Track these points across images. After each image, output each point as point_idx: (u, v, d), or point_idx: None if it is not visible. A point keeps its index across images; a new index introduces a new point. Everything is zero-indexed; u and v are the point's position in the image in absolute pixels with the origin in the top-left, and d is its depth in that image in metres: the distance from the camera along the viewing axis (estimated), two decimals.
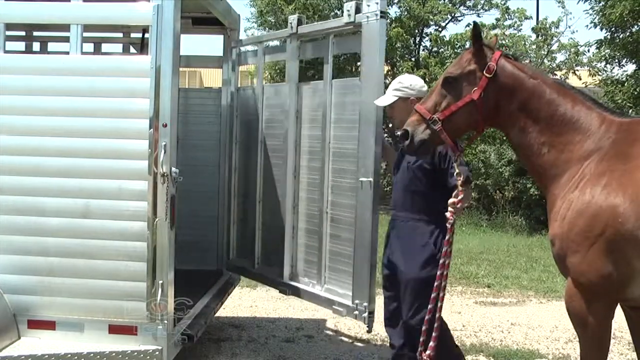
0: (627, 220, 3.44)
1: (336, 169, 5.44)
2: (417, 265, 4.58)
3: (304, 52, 6.14)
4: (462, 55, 4.10)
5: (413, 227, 4.66)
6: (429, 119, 3.97)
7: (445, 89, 4.02)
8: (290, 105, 5.87)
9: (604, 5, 14.78)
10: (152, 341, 4.57)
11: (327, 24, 5.98)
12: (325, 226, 5.52)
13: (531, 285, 9.67)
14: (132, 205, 4.53)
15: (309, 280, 5.71)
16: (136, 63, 4.80)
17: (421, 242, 4.60)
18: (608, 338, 3.74)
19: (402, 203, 4.76)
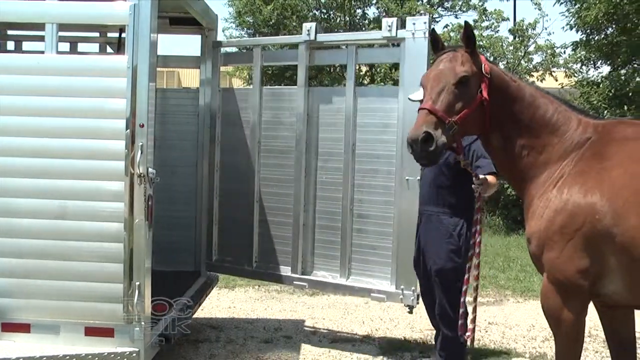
0: (604, 217, 3.52)
1: (364, 170, 6.04)
2: (442, 256, 4.93)
3: (318, 58, 6.66)
4: (457, 54, 3.91)
5: (439, 220, 5.02)
6: (447, 123, 3.72)
7: (459, 89, 3.79)
8: (302, 109, 6.25)
9: (580, 8, 14.91)
10: (129, 343, 4.54)
11: (354, 35, 6.83)
12: (350, 222, 6.10)
13: (508, 285, 9.73)
14: (109, 206, 4.50)
15: (328, 273, 6.23)
16: (113, 63, 4.77)
17: (446, 234, 4.96)
18: (582, 334, 3.82)
19: (429, 198, 5.10)
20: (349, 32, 20.24)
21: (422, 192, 5.25)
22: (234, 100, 6.79)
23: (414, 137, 3.66)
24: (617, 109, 14.41)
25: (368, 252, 6.08)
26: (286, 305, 8.23)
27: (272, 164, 6.54)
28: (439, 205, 5.03)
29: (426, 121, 3.69)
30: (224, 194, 6.83)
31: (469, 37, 3.91)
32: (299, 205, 6.33)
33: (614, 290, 3.60)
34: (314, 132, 6.32)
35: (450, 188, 4.98)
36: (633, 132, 3.80)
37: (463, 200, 4.85)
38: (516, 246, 13.18)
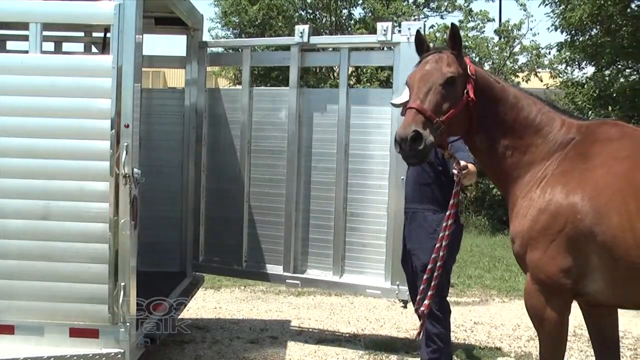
0: (586, 216, 3.55)
1: (358, 169, 6.22)
2: (427, 252, 4.88)
3: (311, 60, 6.83)
4: (443, 55, 3.91)
5: (423, 217, 5.10)
6: (435, 123, 3.72)
7: (446, 89, 3.79)
8: (295, 109, 6.35)
9: (564, 9, 14.99)
10: (114, 344, 4.52)
11: (348, 38, 6.75)
12: (343, 221, 6.26)
13: (494, 285, 9.77)
14: (94, 207, 4.48)
15: (321, 271, 6.38)
16: (97, 62, 4.73)
17: (430, 230, 5.02)
18: (565, 333, 3.84)
19: (413, 196, 5.19)
20: (335, 32, 20.29)
21: (406, 190, 5.33)
22: (221, 100, 6.80)
23: (403, 136, 3.66)
24: (601, 110, 14.50)
25: (361, 250, 6.25)
26: (272, 306, 8.23)
27: (263, 164, 6.60)
28: (422, 202, 5.11)
29: (415, 120, 3.69)
30: (211, 194, 6.83)
31: (455, 39, 3.93)
32: (292, 205, 6.41)
33: (597, 289, 3.63)
34: (307, 133, 6.44)
35: (432, 185, 5.07)
36: (616, 133, 3.83)
37: (445, 196, 4.86)
38: (501, 246, 13.23)
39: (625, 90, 14.44)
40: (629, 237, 3.41)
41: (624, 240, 3.42)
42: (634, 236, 3.40)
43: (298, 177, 6.44)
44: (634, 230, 3.40)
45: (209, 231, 6.86)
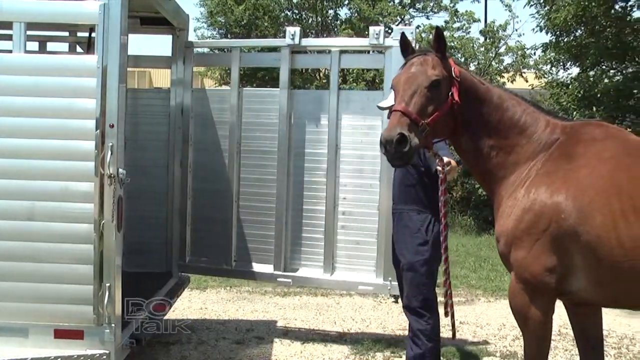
0: (570, 216, 3.57)
1: (350, 169, 6.37)
2: (411, 251, 5.04)
3: (302, 62, 7.03)
4: (427, 58, 3.95)
5: (409, 217, 5.12)
6: (420, 126, 3.75)
7: (431, 92, 3.82)
8: (285, 110, 6.43)
9: (549, 10, 15.06)
10: (99, 345, 4.49)
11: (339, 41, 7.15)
12: (334, 220, 6.41)
13: (479, 284, 9.81)
14: (78, 207, 4.45)
15: (312, 269, 6.51)
16: (82, 62, 4.70)
17: (414, 229, 5.06)
18: (549, 332, 3.88)
19: (399, 197, 5.22)
20: (321, 32, 20.30)
21: (393, 192, 5.37)
22: (207, 100, 6.79)
23: (388, 139, 3.67)
24: (585, 110, 14.57)
25: (353, 248, 6.40)
26: (258, 306, 8.22)
27: (253, 164, 6.66)
28: (407, 203, 5.14)
29: (400, 123, 3.71)
30: (198, 194, 6.83)
31: (440, 42, 3.96)
32: (282, 204, 6.49)
33: (580, 288, 3.66)
34: (297, 134, 6.53)
35: (416, 186, 5.11)
36: (600, 133, 3.86)
37: (429, 197, 4.99)
38: (487, 246, 13.28)
39: (609, 90, 14.52)
40: (612, 236, 3.44)
41: (607, 240, 3.45)
42: (617, 236, 3.42)
43: (288, 177, 6.52)
44: (617, 230, 3.43)
45: (196, 231, 6.85)
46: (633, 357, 6.44)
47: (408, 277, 5.10)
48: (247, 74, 18.64)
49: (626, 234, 3.40)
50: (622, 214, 3.43)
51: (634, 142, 3.81)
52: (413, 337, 5.11)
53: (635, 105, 15.16)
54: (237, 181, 6.66)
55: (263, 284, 9.23)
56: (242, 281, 9.30)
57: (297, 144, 6.54)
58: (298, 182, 6.55)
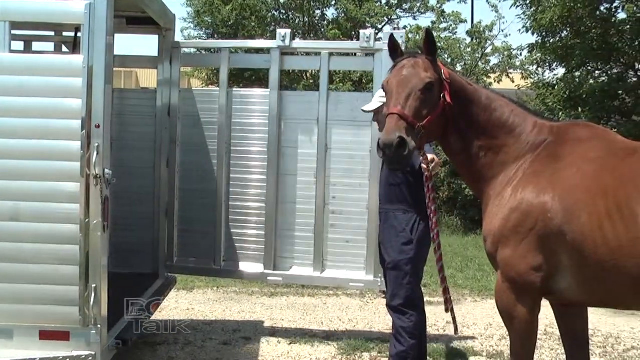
0: (556, 215, 3.60)
1: (341, 169, 6.48)
2: (395, 249, 5.08)
3: (291, 63, 7.14)
4: (418, 60, 3.96)
5: (395, 217, 5.14)
6: (417, 129, 3.78)
7: (425, 94, 3.85)
8: (275, 111, 6.51)
9: (535, 11, 15.14)
10: (85, 346, 4.47)
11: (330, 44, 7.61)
12: (324, 218, 6.50)
13: (466, 284, 9.84)
14: (64, 208, 4.42)
15: (302, 268, 6.60)
16: (68, 62, 4.67)
17: (399, 229, 5.09)
18: (535, 331, 3.89)
19: (385, 196, 5.25)
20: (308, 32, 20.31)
21: (380, 191, 5.40)
22: (195, 101, 6.78)
23: (387, 143, 3.69)
24: (571, 111, 14.67)
25: (343, 246, 6.50)
26: (245, 307, 8.21)
27: (242, 164, 6.69)
28: (393, 202, 5.17)
29: (398, 126, 3.73)
30: (185, 194, 6.81)
31: (430, 44, 3.99)
32: (272, 204, 6.55)
33: (566, 288, 3.68)
34: (287, 134, 6.59)
35: (401, 185, 5.13)
36: (587, 134, 3.90)
37: (414, 196, 5.04)
38: (474, 246, 13.33)
39: (595, 91, 14.63)
40: (597, 236, 3.46)
41: (592, 239, 3.47)
42: (602, 236, 3.44)
43: (278, 177, 6.58)
44: (602, 229, 3.45)
45: (183, 232, 6.84)
46: (618, 356, 6.48)
47: (392, 276, 5.14)
48: (234, 74, 18.63)
49: (611, 234, 3.42)
50: (607, 213, 3.45)
51: (620, 143, 3.85)
52: (396, 335, 5.14)
53: (620, 106, 15.29)
54: (226, 181, 6.68)
55: (250, 284, 9.24)
56: (229, 282, 9.30)
57: (287, 145, 6.60)
58: (288, 182, 6.60)
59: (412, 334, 5.08)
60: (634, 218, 3.38)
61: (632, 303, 3.84)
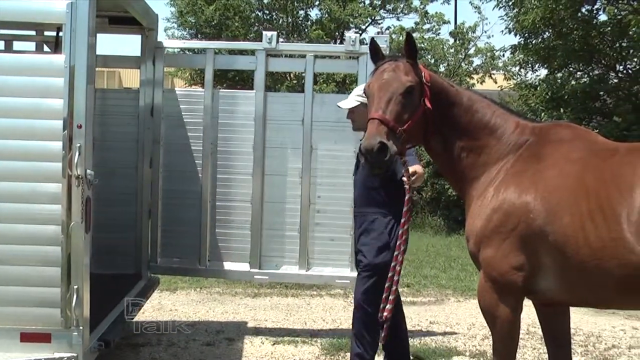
0: (538, 216, 3.62)
1: (325, 169, 6.60)
2: (373, 252, 5.05)
3: (276, 65, 7.30)
4: (399, 64, 3.97)
5: (372, 220, 5.12)
6: (398, 133, 3.79)
7: (405, 99, 3.84)
8: (261, 112, 6.60)
9: (518, 12, 15.24)
10: (67, 348, 4.43)
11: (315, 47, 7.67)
12: (309, 217, 6.61)
13: (449, 284, 9.87)
14: (46, 209, 4.39)
15: (288, 266, 6.70)
16: (49, 62, 4.63)
17: (378, 232, 5.08)
18: (517, 330, 3.91)
19: (362, 199, 5.22)
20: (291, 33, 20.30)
21: (355, 194, 5.37)
22: (179, 101, 6.78)
23: (368, 148, 3.69)
24: (553, 112, 14.78)
25: (328, 244, 6.61)
26: (228, 307, 8.19)
27: (227, 165, 6.73)
28: (371, 205, 5.16)
29: (379, 131, 3.73)
30: (169, 195, 6.80)
31: (410, 48, 4.00)
32: (258, 204, 6.63)
33: (548, 288, 3.70)
34: (273, 135, 6.67)
35: (380, 189, 5.12)
36: (568, 134, 3.93)
37: (392, 200, 5.02)
38: (457, 246, 13.38)
39: (577, 92, 14.76)
40: (580, 236, 3.47)
41: (575, 239, 3.49)
42: (584, 236, 3.46)
43: (264, 177, 6.65)
44: (584, 230, 3.47)
45: (167, 232, 6.83)
46: (599, 354, 6.53)
47: (366, 278, 5.11)
48: (218, 75, 18.60)
49: (593, 234, 3.44)
50: (590, 214, 3.47)
51: (601, 144, 3.88)
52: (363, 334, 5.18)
53: (601, 107, 15.43)
54: (210, 181, 6.70)
55: (233, 285, 9.22)
56: (213, 282, 9.28)
57: (273, 145, 6.68)
58: (274, 181, 6.68)
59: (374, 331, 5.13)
60: (615, 218, 3.40)
61: (613, 302, 3.89)
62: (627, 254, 3.35)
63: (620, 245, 3.37)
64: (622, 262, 3.37)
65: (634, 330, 7.45)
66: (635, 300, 3.63)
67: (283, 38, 19.16)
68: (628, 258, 3.35)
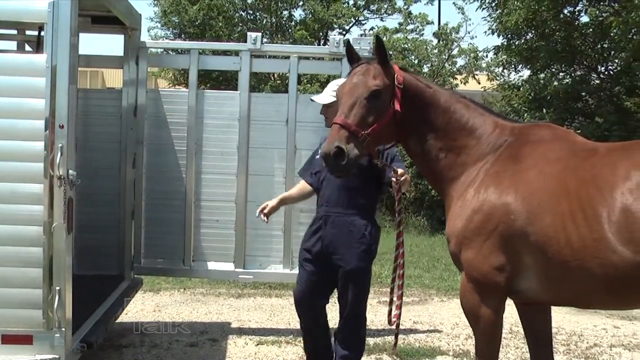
0: (519, 217, 3.62)
1: None
2: (357, 257, 4.89)
3: (261, 66, 7.26)
4: (370, 67, 4.00)
5: (349, 221, 4.93)
6: (360, 137, 3.83)
7: (370, 102, 3.89)
8: (246, 112, 6.63)
9: (501, 13, 15.33)
10: (49, 350, 4.39)
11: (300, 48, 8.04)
12: (293, 217, 6.65)
13: (433, 284, 9.91)
14: (27, 209, 4.35)
15: (273, 265, 6.77)
16: (31, 61, 4.58)
17: (358, 235, 4.90)
18: (500, 330, 3.93)
19: (337, 200, 4.97)
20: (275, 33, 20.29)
21: (326, 194, 5.07)
22: (162, 101, 6.76)
23: (326, 152, 3.79)
24: (536, 112, 14.89)
25: None
26: (212, 308, 8.17)
27: (212, 165, 6.74)
28: (349, 207, 4.94)
29: (339, 136, 3.81)
30: (152, 195, 6.79)
31: (380, 50, 4.03)
32: (242, 203, 6.67)
33: (530, 288, 3.71)
34: (257, 135, 6.70)
35: (360, 190, 4.96)
36: (547, 135, 3.93)
37: (370, 201, 5.02)
38: (441, 246, 13.41)
39: (559, 93, 14.88)
40: (561, 237, 3.48)
41: (556, 240, 3.49)
42: (566, 236, 3.47)
43: (248, 177, 6.69)
44: (566, 230, 3.47)
45: (151, 232, 6.82)
46: (581, 353, 6.59)
47: (351, 282, 4.94)
48: (201, 74, 18.54)
49: (575, 235, 3.45)
50: (571, 214, 3.48)
51: (581, 144, 3.88)
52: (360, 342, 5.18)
53: (583, 107, 15.55)
54: (195, 182, 6.71)
55: (217, 286, 9.21)
56: (196, 283, 9.25)
57: (257, 145, 6.71)
58: (258, 181, 6.71)
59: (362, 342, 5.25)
60: (597, 219, 3.41)
61: (595, 302, 3.90)
62: (609, 254, 3.36)
63: (602, 245, 3.38)
64: (604, 262, 3.38)
65: (615, 329, 7.52)
66: (617, 300, 3.65)
67: (267, 38, 19.14)
68: (610, 258, 3.36)
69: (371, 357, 6.32)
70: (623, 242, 3.33)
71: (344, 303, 5.05)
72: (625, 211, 3.35)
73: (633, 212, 3.33)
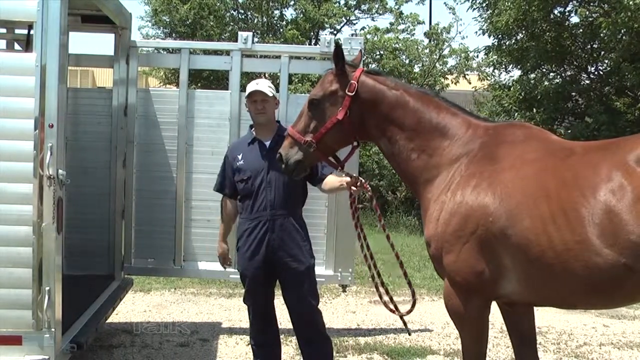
0: (498, 219, 3.57)
1: None
2: (308, 254, 5.17)
3: (251, 66, 7.20)
4: (325, 76, 4.24)
5: (293, 222, 5.12)
6: (303, 143, 4.17)
7: (311, 111, 4.19)
8: (236, 112, 6.61)
9: (492, 14, 15.35)
10: (39, 351, 4.38)
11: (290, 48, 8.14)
12: None
13: (424, 284, 9.92)
14: (17, 209, 4.33)
15: None
16: (20, 60, 4.54)
17: (303, 233, 5.18)
18: (486, 331, 3.93)
19: (282, 202, 5.08)
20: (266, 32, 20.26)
21: (268, 198, 5.06)
22: (153, 101, 6.75)
23: (276, 159, 4.35)
24: (526, 112, 14.92)
25: None
26: (203, 308, 8.15)
27: (202, 164, 6.71)
28: (292, 207, 5.13)
29: (285, 144, 4.31)
30: (143, 195, 6.78)
31: (337, 57, 4.12)
32: None
33: (512, 290, 3.66)
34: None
35: (299, 193, 5.21)
36: (522, 134, 3.89)
37: (303, 199, 5.28)
38: None
39: (549, 93, 14.90)
40: (542, 239, 3.42)
41: (537, 243, 3.43)
42: (548, 239, 3.41)
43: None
44: (547, 233, 3.41)
45: (141, 232, 6.80)
46: (571, 351, 6.61)
47: (306, 279, 5.18)
48: (192, 74, 18.51)
49: (557, 237, 3.39)
50: (552, 216, 3.42)
51: (557, 143, 3.83)
52: (324, 331, 5.39)
53: (573, 107, 15.60)
54: (185, 181, 6.69)
55: (208, 286, 9.19)
56: (187, 283, 9.23)
57: None
58: None
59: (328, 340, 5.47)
60: (579, 221, 3.35)
61: (579, 303, 3.88)
62: (592, 257, 3.31)
63: (585, 248, 3.32)
64: (588, 265, 3.33)
65: (605, 328, 7.55)
66: (601, 300, 3.64)
67: (258, 38, 19.13)
68: (594, 260, 3.31)
69: (362, 356, 6.33)
70: (607, 244, 3.28)
71: (297, 301, 5.27)
72: (609, 213, 3.29)
73: (617, 214, 3.27)
